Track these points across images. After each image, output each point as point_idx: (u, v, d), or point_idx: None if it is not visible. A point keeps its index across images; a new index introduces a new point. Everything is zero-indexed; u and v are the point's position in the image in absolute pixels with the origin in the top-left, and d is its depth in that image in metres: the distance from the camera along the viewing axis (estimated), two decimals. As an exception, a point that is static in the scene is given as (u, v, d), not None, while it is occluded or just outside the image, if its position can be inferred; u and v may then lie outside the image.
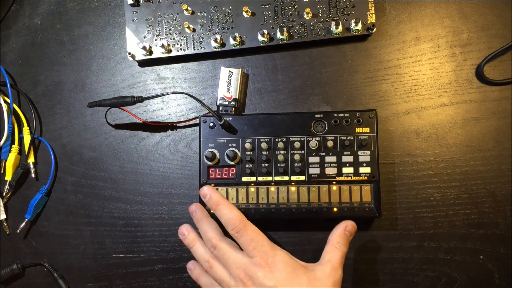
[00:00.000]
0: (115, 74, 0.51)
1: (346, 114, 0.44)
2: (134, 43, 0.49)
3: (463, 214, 0.45)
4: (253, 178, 0.45)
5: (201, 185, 0.45)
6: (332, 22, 0.46)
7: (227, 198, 0.45)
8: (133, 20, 0.49)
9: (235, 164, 0.45)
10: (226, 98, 0.47)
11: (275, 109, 0.48)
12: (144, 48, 0.48)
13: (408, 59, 0.47)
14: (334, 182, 0.44)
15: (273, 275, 0.36)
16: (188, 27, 0.48)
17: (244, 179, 0.45)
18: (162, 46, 0.48)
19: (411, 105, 0.47)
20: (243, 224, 0.39)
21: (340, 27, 0.46)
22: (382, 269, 0.46)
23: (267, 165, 0.45)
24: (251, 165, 0.45)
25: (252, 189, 0.45)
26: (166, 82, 0.50)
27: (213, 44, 0.47)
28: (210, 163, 0.45)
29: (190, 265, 0.44)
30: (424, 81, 0.47)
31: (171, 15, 0.48)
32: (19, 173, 0.50)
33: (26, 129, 0.51)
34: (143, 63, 0.51)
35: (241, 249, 0.40)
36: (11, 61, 0.52)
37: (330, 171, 0.44)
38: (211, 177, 0.45)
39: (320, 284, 0.37)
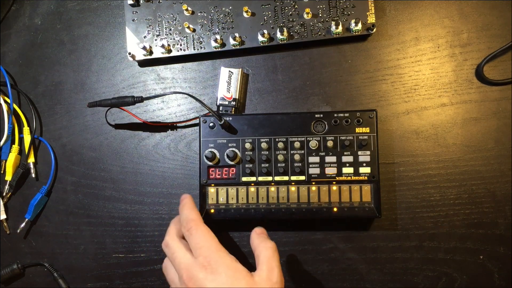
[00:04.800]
0: (115, 74, 0.51)
1: (346, 114, 0.44)
2: (134, 43, 0.49)
3: (463, 214, 0.45)
4: (253, 178, 0.45)
5: (201, 185, 0.45)
6: (332, 22, 0.46)
7: (227, 198, 0.45)
8: (133, 20, 0.49)
9: (235, 164, 0.45)
10: (226, 98, 0.47)
11: (275, 109, 0.48)
12: (144, 48, 0.48)
13: (408, 59, 0.47)
14: (334, 182, 0.44)
15: (214, 277, 0.36)
16: (188, 27, 0.48)
17: (244, 179, 0.45)
18: (162, 46, 0.48)
19: (411, 105, 0.47)
20: (195, 224, 0.39)
21: (340, 27, 0.46)
22: (382, 269, 0.46)
23: (267, 165, 0.45)
24: (251, 165, 0.45)
25: (252, 189, 0.45)
26: (166, 82, 0.50)
27: (213, 44, 0.47)
28: (210, 163, 0.45)
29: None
30: (424, 81, 0.47)
31: (171, 15, 0.48)
32: (19, 173, 0.50)
33: (26, 129, 0.51)
34: (143, 63, 0.51)
35: None
36: (11, 61, 0.53)
37: (330, 171, 0.44)
38: (211, 177, 0.45)
39: (260, 285, 0.36)
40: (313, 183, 0.44)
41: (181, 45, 0.48)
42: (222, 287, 0.35)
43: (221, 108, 0.47)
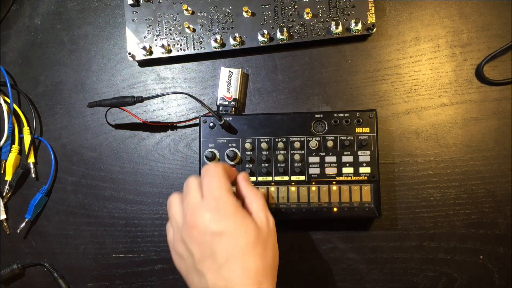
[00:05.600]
0: (115, 74, 0.51)
1: (346, 114, 0.44)
2: (134, 43, 0.49)
3: (463, 214, 0.45)
4: (253, 178, 0.45)
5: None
6: (332, 22, 0.46)
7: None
8: (133, 20, 0.49)
9: (235, 164, 0.45)
10: (226, 98, 0.47)
11: (275, 109, 0.48)
12: (144, 48, 0.48)
13: (408, 59, 0.47)
14: (334, 182, 0.44)
15: (220, 218, 0.34)
16: (188, 27, 0.48)
17: (244, 179, 0.45)
18: (162, 46, 0.48)
19: (411, 105, 0.47)
20: (213, 166, 0.37)
21: (340, 27, 0.46)
22: (382, 269, 0.46)
23: (267, 165, 0.45)
24: (251, 165, 0.45)
25: (252, 189, 0.45)
26: (166, 82, 0.50)
27: (213, 44, 0.47)
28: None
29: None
30: (424, 81, 0.47)
31: (171, 15, 0.48)
32: (19, 173, 0.50)
33: (26, 129, 0.51)
34: (143, 63, 0.51)
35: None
36: (11, 61, 0.52)
37: (330, 171, 0.44)
38: (211, 177, 0.45)
39: (264, 233, 0.36)
40: (313, 183, 0.44)
41: (181, 45, 0.48)
42: (228, 231, 0.34)
43: (221, 108, 0.47)
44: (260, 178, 0.45)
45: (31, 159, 0.51)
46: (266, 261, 0.35)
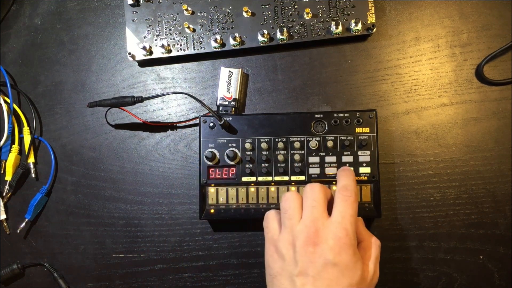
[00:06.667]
0: (115, 74, 0.51)
1: (346, 114, 0.44)
2: (134, 43, 0.49)
3: (463, 214, 0.45)
4: (253, 178, 0.45)
5: (201, 185, 0.45)
6: (332, 22, 0.46)
7: (227, 198, 0.45)
8: (133, 20, 0.49)
9: (235, 164, 0.45)
10: (226, 98, 0.47)
11: (275, 109, 0.48)
12: (144, 48, 0.48)
13: (408, 59, 0.47)
14: (334, 182, 0.44)
15: (340, 251, 0.35)
16: (188, 27, 0.48)
17: (244, 179, 0.45)
18: (162, 46, 0.48)
19: (411, 105, 0.47)
20: (354, 193, 0.38)
21: (340, 27, 0.46)
22: (382, 269, 0.46)
23: (267, 165, 0.45)
24: (251, 165, 0.45)
25: (252, 189, 0.45)
26: (166, 82, 0.50)
27: (213, 44, 0.47)
28: (210, 163, 0.45)
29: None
30: (424, 81, 0.47)
31: (171, 15, 0.48)
32: (19, 173, 0.50)
33: (26, 129, 0.51)
34: (143, 63, 0.51)
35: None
36: (11, 61, 0.53)
37: (330, 171, 0.44)
38: (211, 177, 0.45)
39: (365, 284, 0.36)
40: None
41: (181, 45, 0.48)
42: (340, 265, 0.34)
43: (221, 108, 0.47)
44: (260, 178, 0.45)
45: (31, 159, 0.51)
46: None
